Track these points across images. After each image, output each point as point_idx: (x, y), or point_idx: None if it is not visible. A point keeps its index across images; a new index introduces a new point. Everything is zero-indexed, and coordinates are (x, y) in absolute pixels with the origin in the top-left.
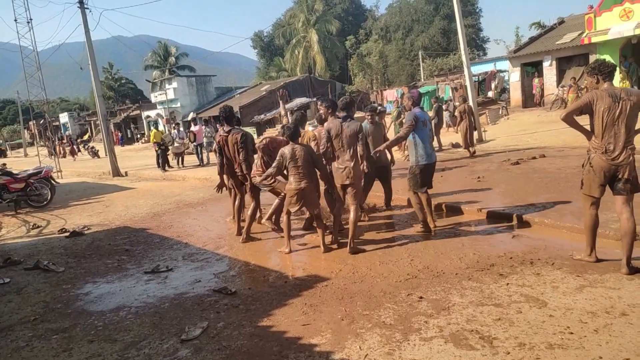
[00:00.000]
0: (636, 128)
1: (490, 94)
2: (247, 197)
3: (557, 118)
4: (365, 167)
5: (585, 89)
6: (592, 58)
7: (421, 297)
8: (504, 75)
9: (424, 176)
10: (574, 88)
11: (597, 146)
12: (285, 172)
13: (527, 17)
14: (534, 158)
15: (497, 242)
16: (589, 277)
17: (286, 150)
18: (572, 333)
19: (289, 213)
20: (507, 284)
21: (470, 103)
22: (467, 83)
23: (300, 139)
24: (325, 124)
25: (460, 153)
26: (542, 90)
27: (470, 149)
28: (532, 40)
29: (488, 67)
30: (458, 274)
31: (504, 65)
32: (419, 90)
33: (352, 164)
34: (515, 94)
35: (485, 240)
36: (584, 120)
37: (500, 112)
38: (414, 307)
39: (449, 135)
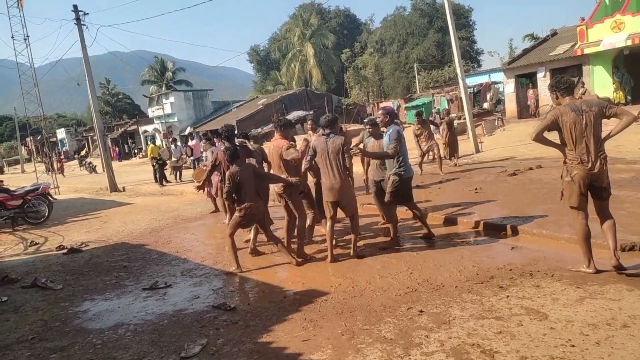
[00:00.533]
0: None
1: (485, 105)
2: None
3: None
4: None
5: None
6: (586, 69)
7: (421, 311)
8: (498, 86)
9: (404, 189)
10: None
11: (573, 158)
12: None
13: (520, 29)
14: (531, 169)
15: (496, 254)
16: (589, 289)
17: (233, 171)
18: (573, 346)
19: (232, 234)
20: (507, 296)
21: (466, 115)
22: (462, 95)
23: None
24: (312, 141)
25: (456, 164)
26: (537, 101)
27: (455, 160)
28: (526, 52)
29: (483, 79)
30: (458, 286)
31: (499, 76)
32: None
33: (339, 179)
34: (510, 105)
35: (484, 252)
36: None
37: (496, 124)
38: (414, 321)
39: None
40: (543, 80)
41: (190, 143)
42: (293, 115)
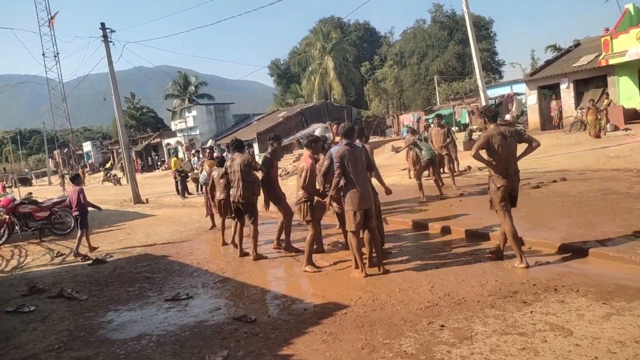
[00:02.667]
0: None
1: (507, 117)
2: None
3: (576, 140)
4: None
5: (604, 111)
6: (611, 80)
7: (443, 326)
8: (521, 98)
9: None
10: (593, 110)
11: (501, 172)
12: None
13: (542, 40)
14: (555, 181)
15: (519, 268)
16: (616, 305)
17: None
18: None
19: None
20: (531, 311)
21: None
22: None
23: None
24: (336, 151)
25: (478, 176)
26: (561, 112)
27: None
28: (549, 63)
29: (504, 90)
30: (480, 301)
31: (521, 88)
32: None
33: (369, 187)
34: (533, 117)
35: (507, 266)
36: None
37: None
38: (435, 336)
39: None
40: (566, 91)
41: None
42: (313, 127)
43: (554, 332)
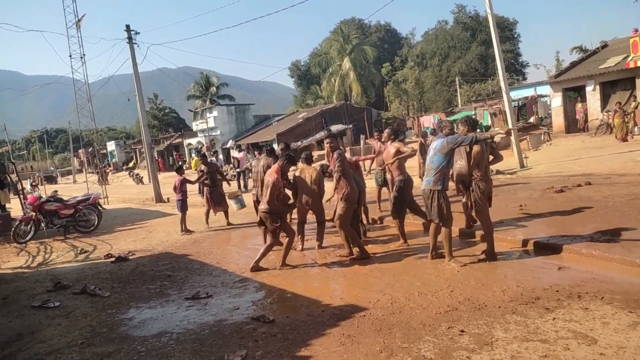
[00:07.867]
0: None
1: (532, 119)
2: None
3: (602, 144)
4: None
5: (632, 114)
6: (639, 82)
7: (462, 331)
8: (545, 100)
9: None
10: (620, 113)
11: (483, 176)
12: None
13: (567, 41)
14: (579, 185)
15: (542, 274)
16: None
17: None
18: None
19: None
20: (554, 318)
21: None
22: (507, 109)
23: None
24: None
25: (500, 179)
26: (586, 115)
27: None
28: (574, 64)
29: (528, 92)
30: (501, 307)
31: (545, 89)
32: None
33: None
34: (558, 119)
35: (529, 272)
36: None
37: (542, 138)
38: (455, 341)
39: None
40: (592, 93)
41: (237, 155)
42: (333, 129)
43: (577, 340)
